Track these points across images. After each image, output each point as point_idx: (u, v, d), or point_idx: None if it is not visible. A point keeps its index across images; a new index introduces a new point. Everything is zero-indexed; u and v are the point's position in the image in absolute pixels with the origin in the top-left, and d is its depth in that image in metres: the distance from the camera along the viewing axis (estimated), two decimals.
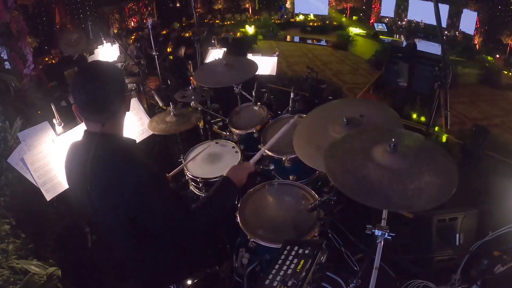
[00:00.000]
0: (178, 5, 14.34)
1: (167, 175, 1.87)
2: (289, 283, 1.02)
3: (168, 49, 9.12)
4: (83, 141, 1.20)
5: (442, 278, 1.87)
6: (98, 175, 1.15)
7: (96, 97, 1.10)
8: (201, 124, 2.52)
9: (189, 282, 1.60)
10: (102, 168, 1.14)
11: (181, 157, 2.14)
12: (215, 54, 4.63)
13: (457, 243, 2.10)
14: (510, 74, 7.84)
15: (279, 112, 2.57)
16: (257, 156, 1.53)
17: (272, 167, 2.03)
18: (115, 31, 4.14)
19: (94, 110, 1.12)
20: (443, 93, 1.83)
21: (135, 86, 3.41)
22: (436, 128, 2.12)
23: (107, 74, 1.12)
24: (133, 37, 10.76)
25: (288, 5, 15.67)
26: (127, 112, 1.26)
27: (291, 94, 2.16)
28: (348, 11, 13.85)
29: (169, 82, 4.68)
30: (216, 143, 2.19)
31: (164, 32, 12.03)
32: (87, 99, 1.10)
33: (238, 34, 11.72)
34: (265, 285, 1.06)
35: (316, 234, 1.45)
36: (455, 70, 8.09)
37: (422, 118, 5.66)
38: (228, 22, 14.78)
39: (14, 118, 2.36)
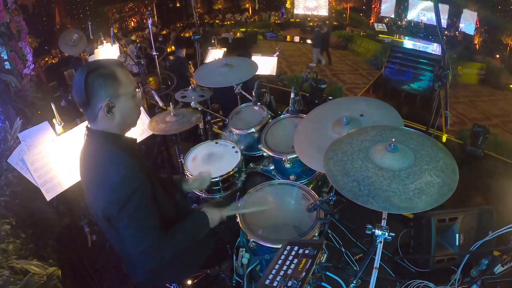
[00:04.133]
0: (178, 5, 14.38)
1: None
2: (289, 283, 1.02)
3: (168, 49, 9.13)
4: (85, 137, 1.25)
5: (442, 278, 1.87)
6: (87, 170, 1.20)
7: (79, 94, 1.14)
8: (201, 124, 2.52)
9: (189, 282, 1.59)
10: (88, 164, 1.19)
11: (181, 157, 2.13)
12: (215, 54, 4.63)
13: (457, 243, 2.10)
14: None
15: (279, 112, 2.56)
16: (232, 213, 1.52)
17: (272, 167, 2.03)
18: (115, 31, 4.12)
19: (81, 106, 1.18)
20: (443, 93, 1.83)
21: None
22: (432, 130, 2.12)
23: (92, 71, 1.13)
24: (133, 36, 10.77)
25: (288, 5, 15.66)
26: None
27: (291, 94, 2.16)
28: (348, 11, 13.87)
29: (169, 83, 4.68)
30: (216, 143, 2.19)
31: (164, 32, 12.06)
32: (74, 95, 1.17)
33: (238, 34, 11.73)
34: (265, 285, 1.06)
35: (316, 234, 1.45)
36: (455, 70, 8.10)
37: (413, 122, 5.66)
38: (228, 22, 14.81)
39: (14, 118, 2.36)
